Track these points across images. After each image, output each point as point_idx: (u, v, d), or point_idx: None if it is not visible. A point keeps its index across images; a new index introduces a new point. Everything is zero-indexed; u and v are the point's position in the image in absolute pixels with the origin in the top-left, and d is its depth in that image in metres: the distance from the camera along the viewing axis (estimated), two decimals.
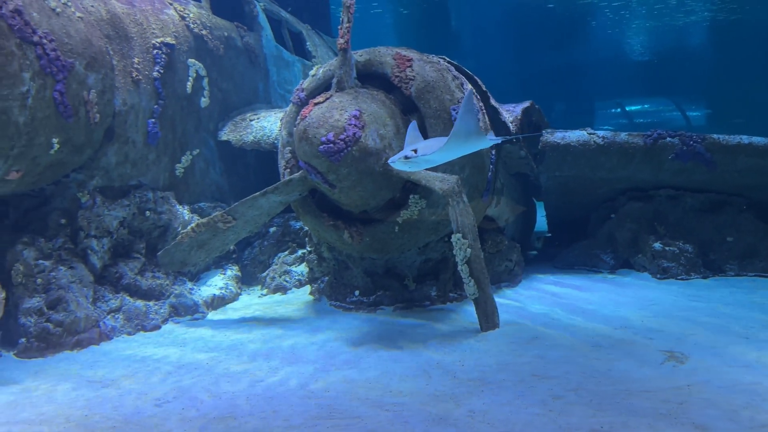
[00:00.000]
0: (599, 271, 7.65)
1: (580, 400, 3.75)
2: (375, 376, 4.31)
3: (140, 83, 6.18)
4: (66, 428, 3.64)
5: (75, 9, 5.48)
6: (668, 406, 3.59)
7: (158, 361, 4.85)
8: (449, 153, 4.41)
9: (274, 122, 7.60)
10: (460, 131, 4.11)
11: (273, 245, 7.69)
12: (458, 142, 4.21)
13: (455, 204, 5.21)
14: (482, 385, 4.04)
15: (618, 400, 3.72)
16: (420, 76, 5.53)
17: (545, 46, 30.43)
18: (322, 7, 13.40)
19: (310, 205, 5.92)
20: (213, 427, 3.59)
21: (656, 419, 3.42)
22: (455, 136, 4.11)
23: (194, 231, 5.86)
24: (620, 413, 3.52)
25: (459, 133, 4.11)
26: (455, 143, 4.19)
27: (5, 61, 4.58)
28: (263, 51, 8.84)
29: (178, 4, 7.21)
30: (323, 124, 5.12)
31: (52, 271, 5.29)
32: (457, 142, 4.17)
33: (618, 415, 3.50)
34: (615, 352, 4.61)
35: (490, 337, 5.08)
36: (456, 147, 4.32)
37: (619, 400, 3.72)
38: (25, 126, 4.79)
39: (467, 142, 4.36)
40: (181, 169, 6.89)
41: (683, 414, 3.47)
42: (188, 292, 6.23)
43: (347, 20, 5.44)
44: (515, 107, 6.90)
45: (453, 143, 4.16)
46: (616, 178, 7.41)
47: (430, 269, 6.36)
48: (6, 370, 4.72)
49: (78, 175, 5.70)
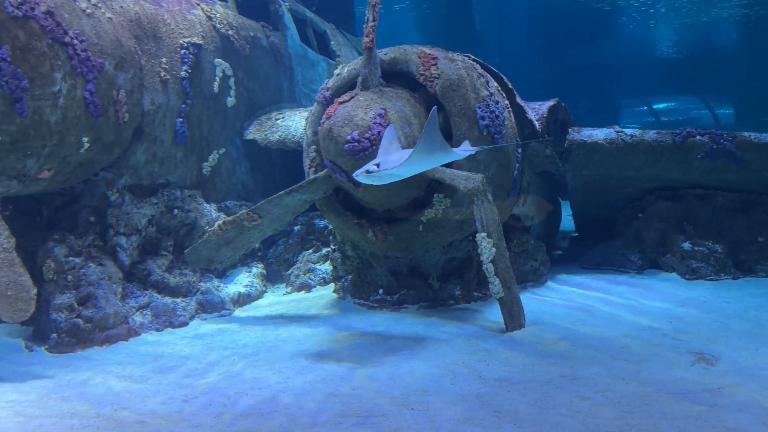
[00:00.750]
0: (626, 271, 7.54)
1: (608, 401, 3.70)
2: (399, 375, 4.31)
3: (168, 83, 6.25)
4: (96, 422, 3.71)
5: (105, 10, 5.56)
6: (699, 409, 3.53)
7: (185, 357, 4.90)
8: (412, 168, 4.40)
9: (299, 121, 7.64)
10: (423, 148, 4.09)
11: (297, 243, 7.73)
12: (421, 157, 4.19)
13: (480, 203, 5.18)
14: (508, 385, 4.02)
15: (647, 402, 3.67)
16: (445, 75, 5.50)
17: (571, 43, 30.13)
18: (346, 7, 13.43)
19: (335, 204, 5.94)
20: (240, 423, 3.62)
21: (686, 422, 3.37)
22: (417, 152, 4.09)
23: (221, 229, 5.91)
24: (650, 415, 3.48)
25: (422, 149, 4.09)
26: (417, 158, 4.17)
27: (38, 62, 4.67)
28: (288, 50, 8.89)
29: (205, 4, 7.29)
30: (348, 123, 5.13)
31: (82, 268, 5.38)
32: (419, 157, 4.16)
33: (647, 417, 3.46)
34: (643, 354, 4.55)
35: (515, 337, 5.05)
36: (419, 162, 4.30)
37: (649, 402, 3.67)
38: (57, 125, 4.88)
39: (431, 156, 4.34)
40: (208, 167, 6.97)
41: (714, 417, 3.42)
42: (215, 289, 6.30)
43: (372, 19, 5.44)
44: (541, 105, 6.84)
45: (415, 158, 4.15)
46: (644, 176, 7.30)
47: (454, 268, 6.34)
48: (38, 364, 4.82)
49: (107, 173, 5.80)
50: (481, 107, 5.48)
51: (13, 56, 4.51)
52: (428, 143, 4.07)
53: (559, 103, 7.08)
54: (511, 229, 6.67)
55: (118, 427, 3.64)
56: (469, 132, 5.44)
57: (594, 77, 30.91)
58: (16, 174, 4.85)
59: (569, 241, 9.03)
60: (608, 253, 7.79)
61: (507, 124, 5.78)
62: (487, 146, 5.23)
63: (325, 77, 9.71)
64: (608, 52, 31.29)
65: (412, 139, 5.26)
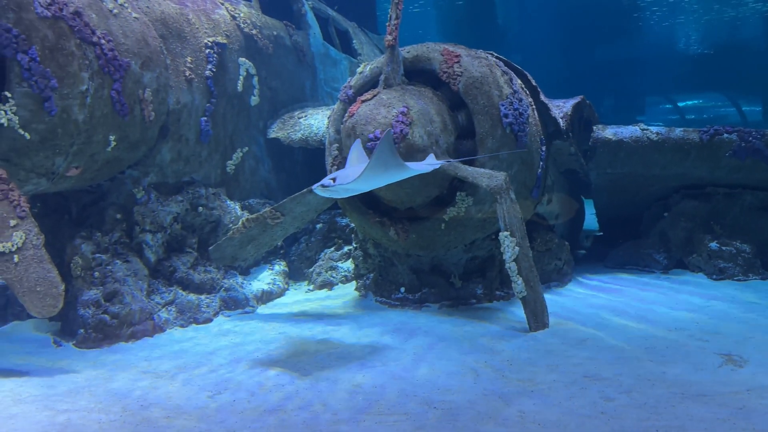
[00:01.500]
0: (651, 271, 7.45)
1: (634, 402, 3.66)
2: (422, 373, 4.31)
3: (193, 82, 6.32)
4: (122, 417, 3.76)
5: (131, 9, 5.63)
6: (727, 411, 3.47)
7: (210, 354, 4.95)
8: (366, 184, 4.40)
9: (321, 120, 7.66)
10: (376, 165, 4.07)
11: (319, 241, 7.76)
12: (374, 174, 4.19)
13: (503, 201, 5.15)
14: (532, 385, 3.99)
15: (673, 403, 3.62)
16: (468, 72, 5.48)
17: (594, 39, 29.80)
18: (367, 5, 13.45)
19: (357, 202, 5.95)
20: (264, 419, 3.65)
21: (714, 424, 3.32)
22: (370, 168, 4.09)
23: (244, 226, 5.96)
24: (676, 417, 3.43)
25: (374, 166, 4.08)
26: (370, 175, 4.17)
27: (66, 61, 4.74)
28: (311, 49, 8.93)
29: (229, 3, 7.34)
30: (371, 121, 5.14)
31: (109, 264, 5.47)
32: (372, 174, 4.16)
33: (674, 419, 3.41)
34: (669, 355, 4.49)
35: (539, 337, 5.01)
36: (373, 178, 4.30)
37: (675, 403, 3.62)
38: (84, 124, 4.96)
39: (386, 173, 4.32)
40: (232, 166, 7.03)
41: (743, 419, 3.36)
42: (239, 286, 6.35)
43: (395, 17, 5.44)
44: (565, 102, 6.78)
45: (368, 175, 4.15)
46: (670, 175, 7.20)
47: (476, 267, 6.31)
48: (66, 359, 4.91)
49: (133, 171, 5.87)
50: (504, 105, 5.45)
51: (42, 56, 4.59)
52: (381, 161, 4.07)
53: (584, 100, 7.01)
54: (535, 228, 6.62)
55: (145, 422, 3.69)
56: (492, 130, 5.41)
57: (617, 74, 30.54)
58: (45, 172, 4.93)
59: (592, 240, 8.95)
60: (633, 253, 7.70)
61: (531, 122, 5.74)
62: (455, 160, 5.18)
63: (347, 76, 9.73)
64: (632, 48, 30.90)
65: (435, 138, 5.25)
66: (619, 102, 31.25)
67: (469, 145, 5.50)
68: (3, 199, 4.50)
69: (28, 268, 4.50)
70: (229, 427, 3.57)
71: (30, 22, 4.55)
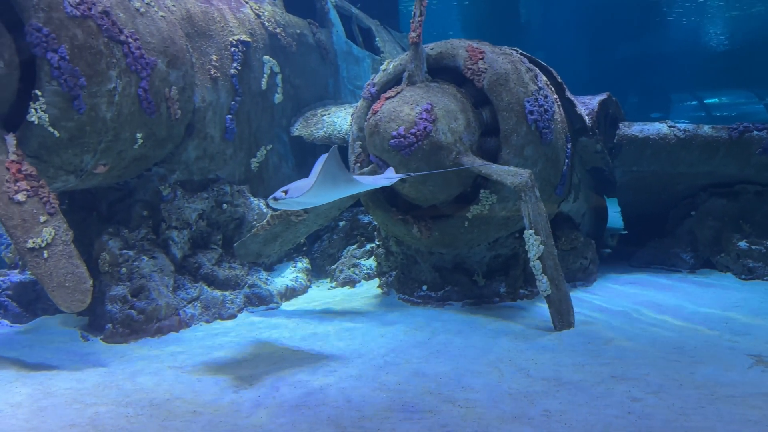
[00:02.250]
0: (678, 270, 7.35)
1: (662, 403, 3.61)
2: (446, 371, 4.29)
3: (218, 80, 6.36)
4: (149, 411, 3.81)
5: (158, 8, 5.69)
6: (758, 413, 3.41)
7: (234, 349, 4.99)
8: (315, 199, 4.41)
9: (344, 118, 7.68)
10: (323, 181, 4.07)
11: (342, 239, 7.78)
12: (322, 191, 4.20)
13: (527, 199, 5.11)
14: (558, 384, 3.95)
15: (703, 404, 3.56)
16: (492, 68, 5.45)
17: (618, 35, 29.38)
18: (390, 3, 13.44)
19: (380, 199, 5.95)
20: (289, 416, 3.67)
21: (744, 426, 3.26)
22: (317, 185, 4.09)
23: (269, 224, 6.00)
24: (705, 418, 3.37)
25: (322, 182, 4.08)
26: (318, 191, 4.17)
27: (94, 60, 4.81)
28: (334, 47, 8.94)
29: (254, 2, 7.38)
30: (394, 119, 5.14)
31: (136, 260, 5.54)
32: (321, 189, 4.16)
33: (703, 420, 3.36)
34: (698, 355, 4.42)
35: (564, 336, 4.97)
36: (322, 193, 4.32)
37: (704, 404, 3.56)
38: (112, 121, 5.02)
39: (336, 188, 4.34)
40: (256, 163, 7.07)
41: None
42: (263, 282, 6.39)
43: (419, 13, 5.43)
44: (591, 99, 6.71)
45: (315, 191, 4.15)
46: (698, 173, 7.09)
47: (499, 265, 6.27)
48: (94, 353, 4.98)
49: (160, 169, 5.94)
50: (529, 101, 5.41)
51: (71, 55, 4.65)
52: (329, 177, 4.07)
53: (610, 97, 6.93)
54: (560, 226, 6.56)
55: (171, 416, 3.73)
56: (516, 127, 5.37)
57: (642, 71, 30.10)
58: (74, 169, 5.01)
59: (617, 239, 8.84)
60: (659, 252, 7.60)
61: (556, 119, 5.69)
62: (414, 173, 5.11)
63: (369, 73, 9.73)
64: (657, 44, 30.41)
65: (458, 135, 5.23)
66: (643, 99, 30.80)
67: (493, 142, 5.47)
68: (33, 196, 4.58)
69: (57, 264, 4.58)
70: (255, 422, 3.59)
71: (60, 21, 4.62)
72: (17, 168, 4.55)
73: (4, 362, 4.77)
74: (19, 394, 4.11)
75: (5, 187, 4.48)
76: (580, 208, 6.90)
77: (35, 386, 4.26)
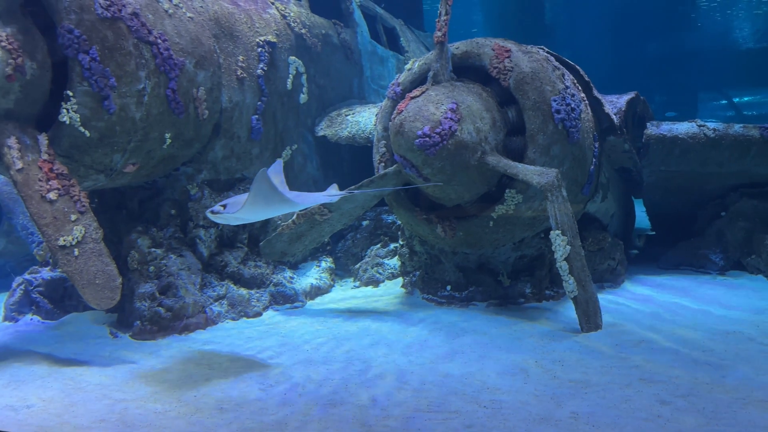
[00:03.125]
0: (707, 272, 7.21)
1: (691, 407, 3.55)
2: (471, 372, 4.27)
3: (245, 81, 6.42)
4: (177, 407, 3.85)
5: (186, 10, 5.76)
6: None
7: (260, 347, 5.03)
8: (250, 216, 4.35)
9: (369, 117, 7.69)
10: (254, 200, 4.03)
11: (366, 238, 7.79)
12: (255, 208, 4.15)
13: (554, 199, 5.06)
14: (585, 387, 3.91)
15: (734, 409, 3.49)
16: (518, 67, 5.40)
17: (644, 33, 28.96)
18: (414, 2, 13.42)
19: (404, 199, 5.94)
20: (315, 413, 3.68)
21: None
22: (249, 204, 4.06)
23: (294, 223, 6.04)
24: (737, 423, 3.31)
25: (252, 202, 4.04)
26: (251, 209, 4.13)
27: (124, 61, 4.89)
28: (358, 47, 8.96)
29: (280, 3, 7.43)
30: (419, 118, 5.12)
31: (164, 258, 5.61)
32: (253, 208, 4.12)
33: (734, 425, 3.29)
34: (728, 358, 4.34)
35: (591, 338, 4.91)
36: (256, 212, 4.26)
37: (736, 409, 3.49)
38: (141, 121, 5.10)
39: (269, 207, 4.26)
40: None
41: None
42: (287, 281, 6.43)
43: (445, 13, 5.41)
44: (619, 98, 6.62)
45: (248, 209, 4.11)
46: (728, 173, 6.96)
47: (525, 266, 6.23)
48: (123, 350, 5.06)
49: (187, 168, 6.01)
50: (556, 100, 5.35)
51: (102, 56, 4.74)
52: (260, 197, 4.02)
53: (638, 96, 6.84)
54: (587, 227, 6.49)
55: (199, 412, 3.77)
56: (543, 126, 5.33)
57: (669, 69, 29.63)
58: (104, 168, 5.10)
59: (644, 239, 8.72)
60: (688, 253, 7.47)
61: (583, 118, 5.62)
62: (356, 190, 5.04)
63: (394, 73, 9.74)
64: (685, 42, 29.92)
65: (484, 135, 5.20)
66: (670, 98, 30.32)
67: (519, 141, 5.43)
68: (64, 195, 4.67)
69: (87, 261, 4.66)
70: (281, 419, 3.62)
71: (91, 23, 4.71)
72: (49, 167, 4.64)
73: (37, 358, 4.88)
74: (51, 389, 4.20)
75: (38, 185, 4.58)
76: (609, 209, 6.81)
77: (66, 381, 4.34)
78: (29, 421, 3.70)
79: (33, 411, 3.85)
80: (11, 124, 4.61)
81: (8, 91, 4.52)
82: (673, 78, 29.80)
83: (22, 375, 4.49)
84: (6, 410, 3.86)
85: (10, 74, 4.48)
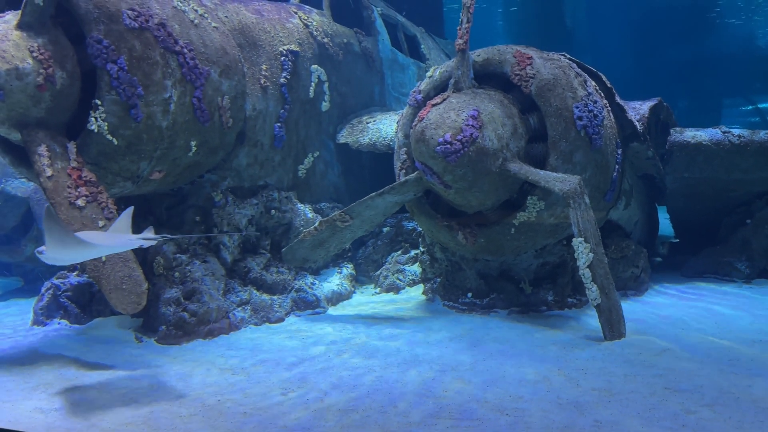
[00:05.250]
0: (732, 280, 7.12)
1: (717, 416, 3.51)
2: (492, 379, 4.27)
3: (268, 89, 6.50)
4: (201, 411, 3.90)
5: (211, 20, 5.86)
6: None
7: (282, 352, 5.07)
8: (62, 257, 4.11)
9: (389, 125, 7.73)
10: (50, 245, 3.84)
11: (386, 245, 7.82)
12: (58, 253, 3.94)
13: (576, 206, 5.04)
14: (609, 395, 3.89)
15: (761, 418, 3.45)
16: (540, 74, 5.41)
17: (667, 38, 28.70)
18: (435, 11, 13.47)
19: (425, 206, 5.96)
20: (335, 419, 3.71)
21: None
22: (49, 249, 3.87)
23: (316, 229, 6.09)
24: None
25: (50, 246, 3.85)
26: (53, 254, 3.93)
27: (151, 70, 4.98)
28: (379, 55, 9.02)
29: (303, 12, 7.52)
30: (440, 125, 5.14)
31: (188, 264, 5.69)
32: (55, 252, 3.91)
33: None
34: (755, 368, 4.28)
35: (615, 346, 4.87)
36: (61, 255, 4.03)
37: (763, 418, 3.45)
38: (168, 130, 5.19)
39: (68, 251, 3.99)
40: (303, 170, 7.19)
41: None
42: (309, 287, 6.48)
43: (466, 20, 5.43)
44: (642, 104, 6.58)
45: (51, 254, 3.92)
46: (753, 180, 6.88)
47: (547, 273, 6.20)
48: (149, 354, 5.13)
49: (212, 175, 6.10)
50: (578, 107, 5.35)
51: (129, 65, 4.84)
52: (54, 241, 3.79)
53: (661, 102, 6.79)
54: (609, 234, 6.45)
55: (222, 416, 3.82)
56: (565, 133, 5.32)
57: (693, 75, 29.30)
58: (131, 175, 5.19)
59: (668, 247, 8.63)
60: (712, 261, 7.39)
61: (606, 124, 5.60)
62: (182, 235, 4.78)
63: (414, 81, 9.77)
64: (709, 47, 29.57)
65: (505, 141, 5.21)
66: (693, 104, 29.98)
67: (541, 148, 5.43)
68: (92, 201, 4.76)
69: (114, 267, 4.74)
70: (303, 424, 3.65)
71: (119, 33, 4.81)
72: (78, 174, 4.74)
73: (65, 361, 4.97)
74: (78, 392, 4.27)
75: (66, 192, 4.68)
76: (632, 216, 6.76)
77: (92, 384, 4.42)
78: (57, 424, 3.77)
79: (61, 414, 3.92)
80: (42, 132, 4.73)
81: (39, 100, 4.64)
82: (697, 84, 29.46)
83: (50, 378, 4.58)
84: (35, 413, 3.94)
85: (41, 84, 4.59)
